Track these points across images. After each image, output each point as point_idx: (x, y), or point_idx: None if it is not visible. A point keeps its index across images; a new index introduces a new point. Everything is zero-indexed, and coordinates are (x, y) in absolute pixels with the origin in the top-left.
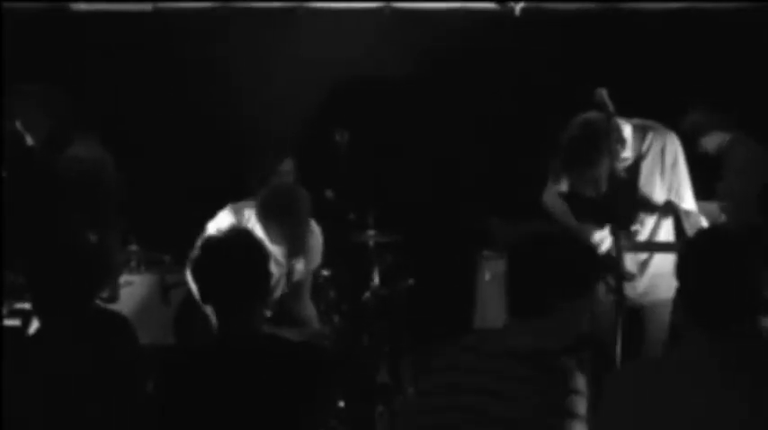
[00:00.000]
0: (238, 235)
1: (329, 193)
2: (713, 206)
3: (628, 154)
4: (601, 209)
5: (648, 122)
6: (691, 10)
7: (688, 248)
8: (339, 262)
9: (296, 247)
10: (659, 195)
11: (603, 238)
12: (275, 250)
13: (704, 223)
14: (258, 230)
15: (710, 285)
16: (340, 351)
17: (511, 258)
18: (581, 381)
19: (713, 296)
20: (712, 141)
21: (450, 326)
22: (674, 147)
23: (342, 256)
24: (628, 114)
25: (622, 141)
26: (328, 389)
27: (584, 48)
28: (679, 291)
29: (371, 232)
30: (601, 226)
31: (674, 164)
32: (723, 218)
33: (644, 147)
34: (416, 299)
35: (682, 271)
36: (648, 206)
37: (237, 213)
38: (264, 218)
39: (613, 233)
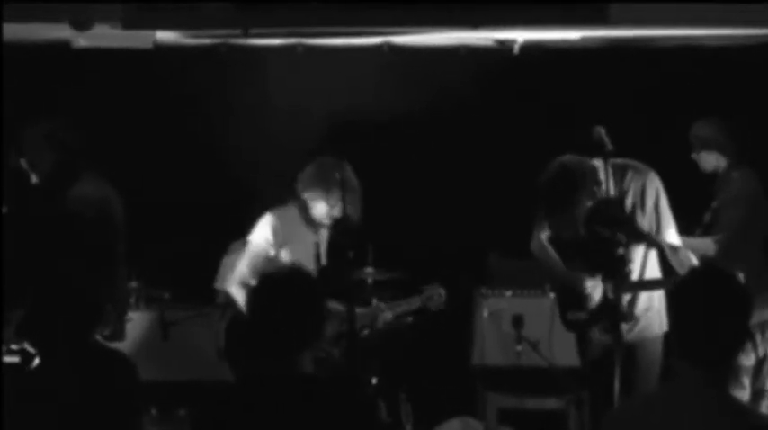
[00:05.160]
0: (296, 275)
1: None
2: (707, 242)
3: (608, 194)
4: (591, 254)
5: (628, 161)
6: (691, 47)
7: (681, 288)
8: (338, 298)
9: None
10: (641, 229)
11: (595, 284)
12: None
13: (693, 258)
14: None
15: (704, 324)
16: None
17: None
18: None
19: (706, 335)
20: (709, 160)
21: (448, 362)
22: (655, 186)
23: (341, 293)
24: (626, 151)
25: (598, 183)
26: None
27: (583, 85)
28: (672, 329)
29: (370, 269)
30: (592, 272)
31: (656, 202)
32: (714, 250)
33: (624, 186)
34: (415, 335)
35: (675, 310)
36: (634, 237)
37: (283, 217)
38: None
39: (608, 277)
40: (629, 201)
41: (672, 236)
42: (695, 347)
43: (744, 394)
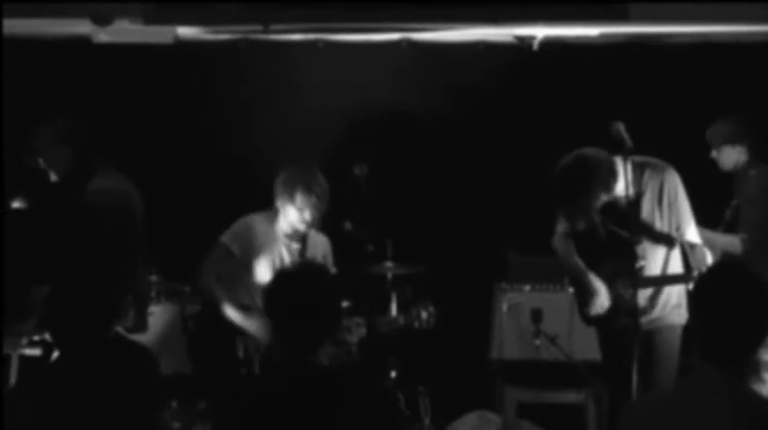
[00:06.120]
0: (314, 269)
1: (348, 225)
2: (734, 240)
3: (628, 190)
4: (606, 250)
5: (647, 159)
6: (709, 44)
7: (701, 285)
8: (357, 293)
9: (321, 212)
10: (660, 229)
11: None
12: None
13: (709, 257)
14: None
15: (724, 321)
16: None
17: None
18: None
19: (726, 331)
20: (731, 156)
21: (466, 356)
22: (674, 183)
23: (360, 288)
24: (645, 147)
25: (615, 176)
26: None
27: (602, 81)
28: (692, 327)
29: (389, 264)
30: (606, 268)
31: (674, 199)
32: (740, 248)
33: (643, 184)
34: (433, 329)
35: (695, 307)
36: (651, 237)
37: (259, 223)
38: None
39: (623, 274)
40: (647, 199)
41: (691, 233)
42: (715, 343)
43: (764, 389)
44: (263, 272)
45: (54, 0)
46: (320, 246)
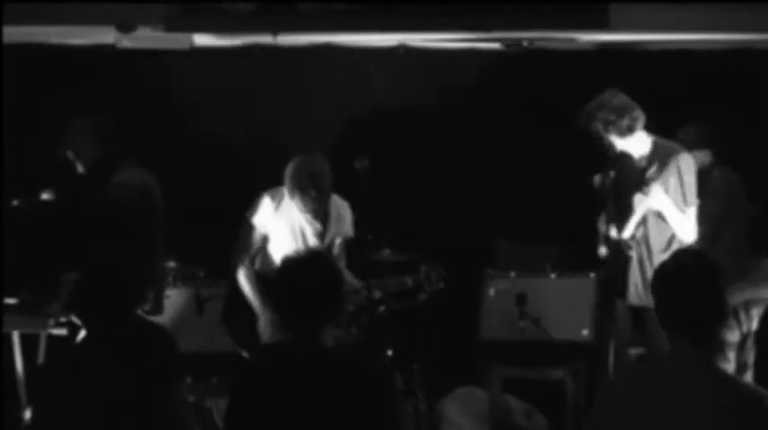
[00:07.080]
0: (316, 257)
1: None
2: None
3: (641, 163)
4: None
5: (668, 142)
6: (690, 51)
7: (668, 270)
8: (358, 278)
9: (320, 209)
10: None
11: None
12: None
13: (690, 237)
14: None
15: (692, 301)
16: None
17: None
18: None
19: (694, 310)
20: (696, 159)
21: (458, 336)
22: (679, 163)
23: (361, 273)
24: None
25: (618, 110)
26: (395, 408)
27: (585, 84)
28: (661, 307)
29: (388, 251)
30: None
31: (679, 179)
32: (698, 241)
33: (654, 159)
34: (428, 311)
35: (665, 289)
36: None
37: (275, 198)
38: (293, 188)
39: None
40: (651, 172)
41: (687, 212)
42: (685, 320)
43: (729, 367)
44: (285, 239)
45: (81, 0)
46: (341, 208)
